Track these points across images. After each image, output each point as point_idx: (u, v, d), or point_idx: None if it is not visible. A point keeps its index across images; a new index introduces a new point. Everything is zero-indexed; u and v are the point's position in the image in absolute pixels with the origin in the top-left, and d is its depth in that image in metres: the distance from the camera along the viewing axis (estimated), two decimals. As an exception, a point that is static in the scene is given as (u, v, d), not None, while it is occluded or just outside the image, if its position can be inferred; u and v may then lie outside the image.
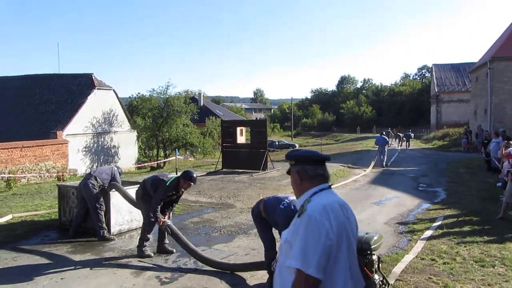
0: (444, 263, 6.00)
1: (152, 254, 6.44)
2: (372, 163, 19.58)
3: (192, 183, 6.38)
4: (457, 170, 17.40)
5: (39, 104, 27.88)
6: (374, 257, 4.61)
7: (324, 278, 2.06)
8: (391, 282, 5.09)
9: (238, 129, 18.29)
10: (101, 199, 7.49)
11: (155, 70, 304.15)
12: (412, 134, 38.71)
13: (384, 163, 19.50)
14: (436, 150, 29.91)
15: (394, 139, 38.90)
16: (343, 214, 2.19)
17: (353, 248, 2.21)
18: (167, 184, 6.30)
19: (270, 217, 5.06)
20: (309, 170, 2.33)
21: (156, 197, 6.26)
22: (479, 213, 9.30)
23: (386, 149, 20.30)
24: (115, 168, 8.16)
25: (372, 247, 4.52)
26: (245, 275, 5.61)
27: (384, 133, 23.02)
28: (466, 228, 8.03)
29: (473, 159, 20.54)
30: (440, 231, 7.81)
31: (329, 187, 2.35)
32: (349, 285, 2.15)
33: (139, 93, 34.11)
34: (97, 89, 28.08)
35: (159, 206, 6.26)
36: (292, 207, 4.96)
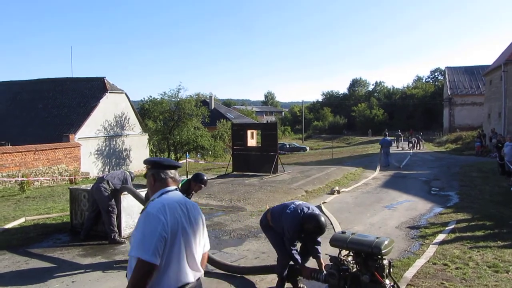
0: (457, 268, 5.92)
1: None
2: (378, 166, 19.49)
3: (203, 185, 6.38)
4: (470, 174, 17.16)
5: (52, 108, 28.22)
6: (385, 262, 4.56)
7: (160, 263, 2.43)
8: (403, 287, 5.03)
9: (249, 132, 18.32)
10: (113, 202, 7.54)
11: (167, 74, 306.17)
12: (421, 137, 38.59)
13: (389, 164, 20.35)
14: (449, 154, 29.58)
15: (407, 143, 38.47)
16: (182, 212, 2.59)
17: (190, 241, 2.59)
18: (179, 186, 6.30)
19: (277, 223, 5.09)
20: (161, 174, 2.77)
21: None
22: (493, 218, 9.16)
23: (389, 150, 21.42)
24: (127, 173, 8.21)
25: (382, 251, 4.47)
26: (254, 278, 5.60)
27: (387, 133, 23.49)
28: (479, 233, 7.91)
29: (486, 163, 20.26)
30: (453, 236, 7.71)
31: (176, 189, 2.78)
32: (184, 271, 2.55)
33: (150, 96, 34.38)
34: (109, 92, 28.32)
35: None
36: (299, 211, 4.96)
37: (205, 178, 6.41)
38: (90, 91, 28.54)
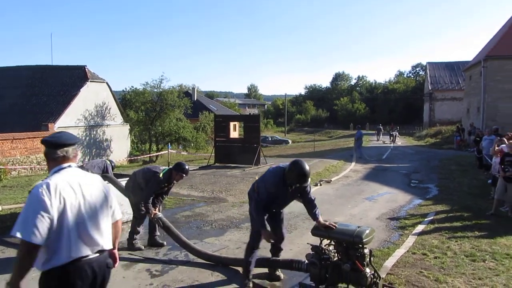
0: (435, 258, 6.01)
1: (143, 247, 6.40)
2: (354, 159, 19.92)
3: (184, 175, 6.33)
4: (449, 167, 17.47)
5: (31, 96, 27.63)
6: (366, 251, 4.58)
7: (47, 243, 2.52)
8: (383, 275, 5.08)
9: (231, 124, 18.24)
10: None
11: (149, 63, 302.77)
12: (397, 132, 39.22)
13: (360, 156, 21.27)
14: (429, 148, 30.01)
15: (389, 136, 38.95)
16: (71, 189, 2.66)
17: (83, 217, 2.67)
18: (160, 176, 6.24)
19: (261, 185, 5.00)
20: (53, 153, 2.80)
21: (149, 189, 6.20)
22: (470, 209, 9.33)
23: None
24: (108, 162, 8.09)
25: (364, 240, 4.49)
26: (237, 267, 5.57)
27: (360, 126, 24.27)
28: (457, 224, 8.06)
29: (465, 157, 20.63)
30: (432, 226, 7.83)
31: (69, 166, 2.80)
32: (77, 246, 2.63)
33: (132, 86, 33.93)
34: (90, 81, 27.88)
35: (151, 198, 6.21)
36: (281, 165, 5.00)
37: (187, 167, 6.35)
38: (71, 79, 28.03)
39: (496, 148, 10.97)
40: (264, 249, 5.45)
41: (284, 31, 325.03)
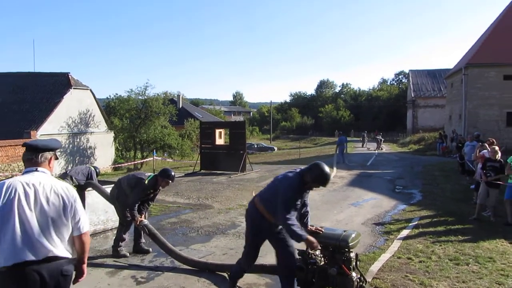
0: (420, 262, 6.07)
1: (128, 254, 6.33)
2: (334, 164, 20.04)
3: (170, 181, 6.29)
4: (432, 173, 17.70)
5: (13, 103, 27.23)
6: (352, 255, 4.61)
7: None
8: (369, 280, 5.11)
9: (217, 131, 18.25)
10: (77, 198, 7.31)
11: (133, 71, 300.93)
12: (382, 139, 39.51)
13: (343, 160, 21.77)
14: (412, 154, 30.38)
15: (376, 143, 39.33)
16: (23, 192, 2.73)
17: (28, 220, 2.70)
18: (146, 182, 6.19)
19: (272, 196, 4.45)
20: (24, 155, 2.98)
21: (135, 196, 6.15)
22: (454, 214, 9.46)
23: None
24: (92, 168, 8.01)
25: (350, 244, 4.53)
26: (223, 273, 5.54)
27: (342, 132, 24.69)
28: (441, 228, 8.16)
29: (448, 163, 20.94)
30: (416, 231, 7.91)
31: (36, 170, 2.91)
32: (17, 248, 2.65)
33: (116, 94, 33.69)
34: (74, 88, 27.64)
35: (137, 205, 6.15)
36: (295, 169, 4.62)
37: (173, 173, 6.31)
38: (54, 86, 27.74)
39: (478, 154, 11.18)
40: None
41: (269, 39, 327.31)
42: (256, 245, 4.71)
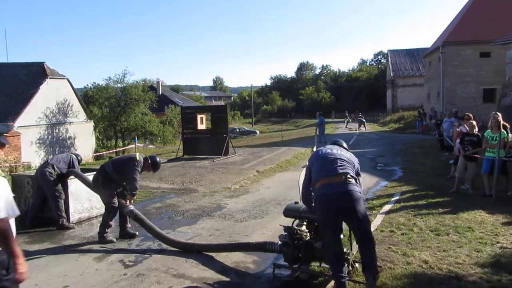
0: (402, 234, 6.24)
1: (115, 240, 6.33)
2: (315, 144, 20.30)
3: (154, 169, 6.55)
4: (412, 150, 18.05)
5: (-14, 95, 26.50)
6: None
7: None
8: (353, 252, 5.23)
9: (199, 116, 18.12)
10: (60, 186, 7.25)
11: (111, 61, 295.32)
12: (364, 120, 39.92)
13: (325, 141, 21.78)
14: (393, 133, 30.85)
15: (356, 123, 39.84)
16: None
17: None
18: (137, 158, 6.33)
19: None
20: None
21: (135, 171, 6.27)
22: (434, 188, 9.70)
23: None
24: (74, 156, 7.91)
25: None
26: (211, 253, 5.61)
27: (321, 113, 25.12)
28: (422, 202, 8.37)
29: (427, 140, 21.35)
30: (398, 206, 8.09)
31: None
32: None
33: (94, 82, 33.11)
34: (50, 78, 27.03)
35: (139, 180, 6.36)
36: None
37: (159, 162, 6.60)
38: (29, 77, 27.08)
39: (457, 129, 11.42)
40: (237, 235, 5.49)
41: (248, 23, 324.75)
42: None
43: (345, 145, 4.89)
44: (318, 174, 4.33)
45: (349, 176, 4.26)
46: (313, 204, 4.42)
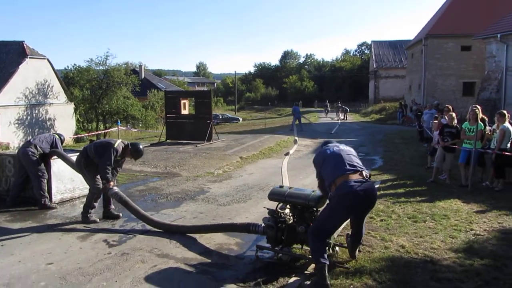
0: (381, 220, 6.43)
1: (98, 220, 6.35)
2: (295, 132, 21.20)
3: (136, 157, 6.62)
4: (393, 140, 18.38)
5: (-37, 73, 25.80)
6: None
7: None
8: (334, 236, 5.39)
9: (182, 101, 18.05)
10: (42, 166, 7.20)
11: (93, 44, 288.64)
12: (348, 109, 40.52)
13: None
14: (374, 123, 31.27)
15: (337, 113, 40.33)
16: None
17: None
18: (115, 146, 6.24)
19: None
20: None
21: (108, 159, 6.20)
22: (413, 178, 9.95)
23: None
24: (56, 136, 7.84)
25: (317, 204, 4.76)
26: (195, 235, 5.69)
27: (297, 103, 26.29)
28: (401, 190, 8.60)
29: (408, 131, 21.76)
30: (378, 194, 8.27)
31: None
32: None
33: (75, 64, 32.53)
34: (30, 58, 26.44)
35: (111, 168, 6.22)
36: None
37: (141, 150, 6.61)
38: (7, 55, 26.44)
39: (435, 121, 11.67)
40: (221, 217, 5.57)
41: (234, 10, 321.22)
42: None
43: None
44: (337, 171, 4.40)
45: (365, 173, 4.45)
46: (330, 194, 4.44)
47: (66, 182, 7.66)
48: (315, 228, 4.43)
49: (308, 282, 4.32)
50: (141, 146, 6.66)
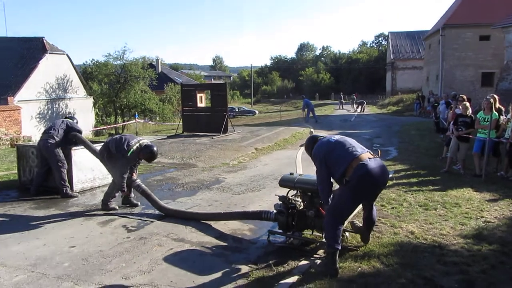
0: (392, 208, 6.54)
1: (117, 207, 6.60)
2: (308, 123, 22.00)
3: (147, 160, 6.60)
4: (408, 132, 18.31)
5: (-14, 69, 26.53)
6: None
7: None
8: (346, 224, 5.52)
9: (198, 95, 18.30)
10: (62, 156, 7.47)
11: (109, 39, 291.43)
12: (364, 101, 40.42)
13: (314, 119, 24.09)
14: (391, 115, 31.05)
15: (352, 105, 40.30)
16: None
17: None
18: (128, 155, 6.30)
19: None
20: None
21: (122, 167, 6.32)
22: (426, 168, 9.98)
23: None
24: (69, 120, 7.93)
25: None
26: (209, 222, 5.90)
27: (304, 96, 26.96)
28: (414, 180, 8.66)
29: (424, 122, 21.60)
30: (390, 183, 8.32)
31: None
32: None
33: (93, 59, 33.09)
34: (49, 53, 27.04)
35: (127, 174, 6.41)
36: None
37: (155, 154, 6.49)
38: (28, 51, 27.08)
39: (451, 112, 11.65)
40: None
41: (248, 2, 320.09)
42: None
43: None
44: (350, 155, 4.46)
45: (371, 153, 4.59)
46: (347, 179, 4.40)
47: (86, 172, 7.94)
48: (332, 212, 4.46)
49: (317, 264, 4.46)
50: (155, 149, 6.46)
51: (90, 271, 4.37)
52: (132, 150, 6.33)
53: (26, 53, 27.01)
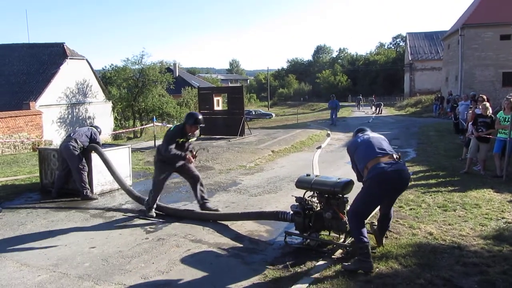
0: (411, 209, 6.48)
1: (155, 215, 6.34)
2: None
3: (198, 126, 6.12)
4: (427, 133, 18.08)
5: (9, 75, 27.23)
6: (346, 200, 4.99)
7: None
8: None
9: (215, 98, 18.43)
10: (83, 160, 7.62)
11: (127, 44, 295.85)
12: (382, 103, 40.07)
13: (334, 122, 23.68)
14: (409, 117, 30.71)
15: (370, 107, 40.09)
16: None
17: None
18: (171, 129, 6.17)
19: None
20: None
21: (168, 142, 6.00)
22: (445, 169, 9.86)
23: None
24: (94, 129, 8.18)
25: (343, 190, 4.89)
26: (226, 222, 5.94)
27: (334, 96, 26.57)
28: (433, 181, 8.56)
29: (443, 123, 21.32)
30: (409, 184, 8.27)
31: None
32: None
33: (112, 64, 33.63)
34: (70, 59, 27.58)
35: (174, 147, 6.01)
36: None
37: (200, 116, 6.12)
38: (49, 57, 27.67)
39: (470, 112, 11.46)
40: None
41: (265, 4, 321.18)
42: None
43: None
44: (368, 156, 4.63)
45: (395, 156, 4.64)
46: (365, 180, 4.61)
47: (106, 175, 8.05)
48: (352, 211, 4.60)
49: (349, 263, 4.41)
50: (198, 116, 6.12)
51: (110, 271, 4.45)
52: (175, 125, 6.33)
53: (47, 58, 27.61)
